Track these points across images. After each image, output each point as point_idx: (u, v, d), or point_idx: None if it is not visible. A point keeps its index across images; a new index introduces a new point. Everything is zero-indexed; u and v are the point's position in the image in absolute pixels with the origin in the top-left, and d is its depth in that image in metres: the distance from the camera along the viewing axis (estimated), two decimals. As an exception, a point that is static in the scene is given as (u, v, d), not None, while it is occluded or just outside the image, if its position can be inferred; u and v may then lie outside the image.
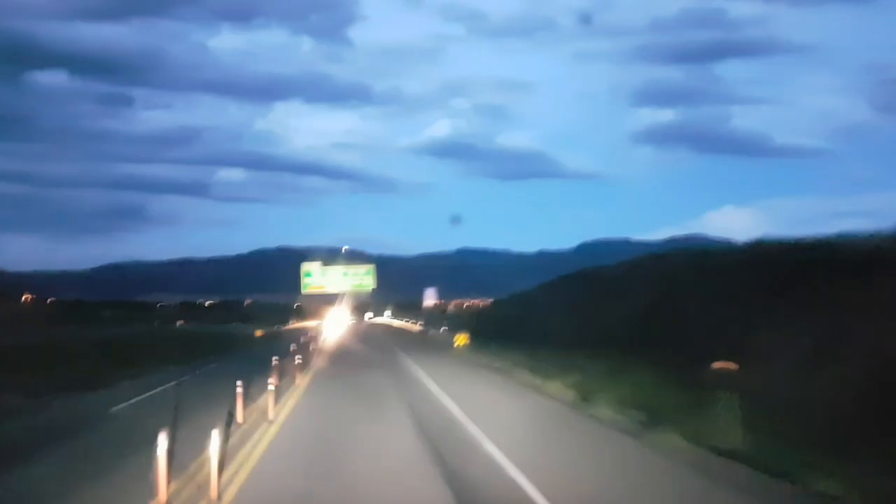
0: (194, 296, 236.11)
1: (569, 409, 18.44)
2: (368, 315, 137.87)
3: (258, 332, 69.48)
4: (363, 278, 56.56)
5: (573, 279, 43.97)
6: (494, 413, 17.53)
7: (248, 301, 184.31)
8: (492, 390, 22.97)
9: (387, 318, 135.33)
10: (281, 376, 22.88)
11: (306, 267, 52.10)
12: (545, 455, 12.44)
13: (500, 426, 15.13)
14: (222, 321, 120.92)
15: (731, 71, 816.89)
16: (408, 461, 12.10)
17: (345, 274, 56.52)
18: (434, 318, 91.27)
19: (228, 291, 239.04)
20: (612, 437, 14.45)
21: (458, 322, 65.38)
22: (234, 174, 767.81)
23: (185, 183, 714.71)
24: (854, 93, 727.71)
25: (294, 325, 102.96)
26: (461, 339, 45.90)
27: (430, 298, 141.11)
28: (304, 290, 51.94)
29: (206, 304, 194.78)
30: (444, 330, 62.35)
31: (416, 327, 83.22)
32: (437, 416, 17.06)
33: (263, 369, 23.32)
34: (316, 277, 55.86)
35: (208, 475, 9.67)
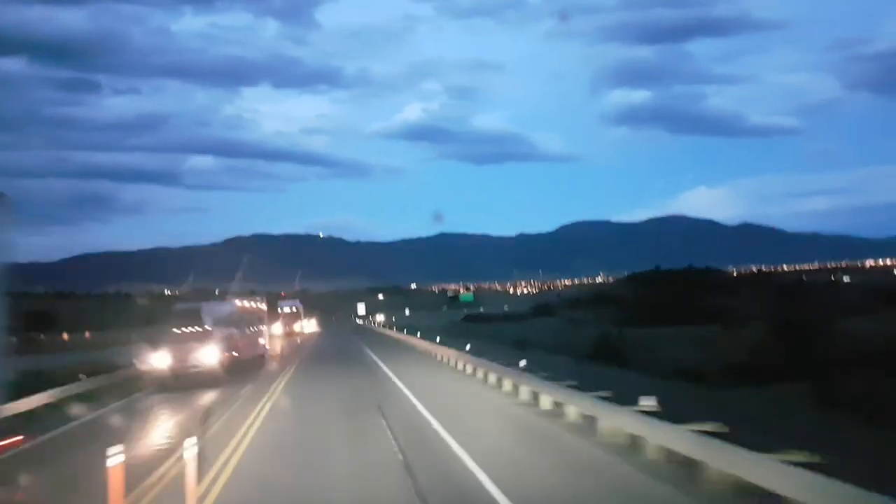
0: (169, 286, 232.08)
1: None
2: (299, 325, 71.86)
3: None
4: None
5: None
6: None
7: (217, 291, 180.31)
8: None
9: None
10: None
11: None
12: None
13: None
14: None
15: (703, 49, 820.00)
16: None
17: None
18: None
19: (204, 280, 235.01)
20: None
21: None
22: (203, 161, 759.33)
23: (154, 171, 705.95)
24: (825, 70, 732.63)
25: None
26: None
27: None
28: None
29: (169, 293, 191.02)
30: None
31: None
32: None
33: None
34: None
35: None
